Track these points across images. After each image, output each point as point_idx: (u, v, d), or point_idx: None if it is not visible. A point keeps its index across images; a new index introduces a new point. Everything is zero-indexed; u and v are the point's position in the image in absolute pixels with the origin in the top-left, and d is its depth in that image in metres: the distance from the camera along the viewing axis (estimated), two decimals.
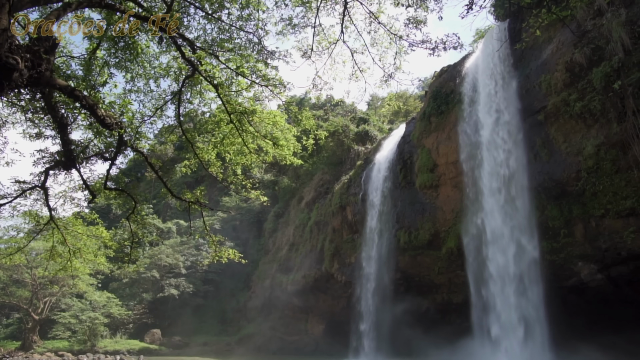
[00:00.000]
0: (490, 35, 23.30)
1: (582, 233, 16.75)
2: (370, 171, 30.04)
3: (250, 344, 40.04)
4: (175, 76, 11.57)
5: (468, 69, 23.80)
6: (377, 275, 26.42)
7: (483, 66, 22.39)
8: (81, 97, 8.47)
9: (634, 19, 15.05)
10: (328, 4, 10.32)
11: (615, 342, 16.05)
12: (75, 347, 40.94)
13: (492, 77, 21.43)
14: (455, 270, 22.51)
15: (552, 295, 17.48)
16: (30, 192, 12.78)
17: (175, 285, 46.42)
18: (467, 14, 8.30)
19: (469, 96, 22.78)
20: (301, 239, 36.91)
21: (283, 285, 36.33)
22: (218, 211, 46.84)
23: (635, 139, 14.48)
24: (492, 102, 21.02)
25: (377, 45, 10.76)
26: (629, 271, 16.00)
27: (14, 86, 6.15)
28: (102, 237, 16.60)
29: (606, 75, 15.29)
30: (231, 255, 13.31)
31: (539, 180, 18.18)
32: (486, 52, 22.58)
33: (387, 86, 11.29)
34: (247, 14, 10.64)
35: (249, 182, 13.69)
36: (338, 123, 40.85)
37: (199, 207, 12.83)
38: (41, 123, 10.90)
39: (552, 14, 10.54)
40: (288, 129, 12.35)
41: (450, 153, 23.08)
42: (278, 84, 10.83)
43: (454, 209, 22.49)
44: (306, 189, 41.20)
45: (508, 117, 20.07)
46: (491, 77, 21.51)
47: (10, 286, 42.47)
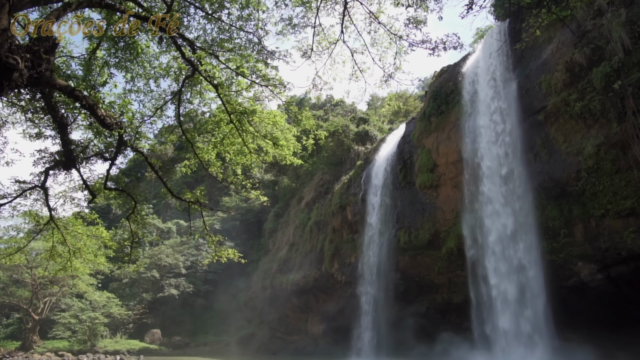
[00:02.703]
0: (490, 35, 23.29)
1: (582, 233, 16.75)
2: (370, 171, 30.03)
3: (250, 344, 40.05)
4: (175, 76, 11.57)
5: (468, 69, 23.80)
6: (377, 275, 26.42)
7: (483, 66, 22.39)
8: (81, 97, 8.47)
9: (634, 19, 15.04)
10: (328, 4, 10.31)
11: (616, 342, 16.04)
12: (75, 347, 40.94)
13: (492, 77, 21.43)
14: (455, 270, 22.50)
15: (552, 295, 17.48)
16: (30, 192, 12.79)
17: (175, 285, 46.43)
18: (467, 14, 8.29)
19: (469, 96, 22.78)
20: (301, 239, 36.89)
21: (283, 285, 36.32)
22: (218, 211, 46.86)
23: (635, 139, 14.48)
24: (492, 102, 21.02)
25: (377, 45, 10.76)
26: (629, 271, 16.00)
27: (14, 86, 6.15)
28: (102, 237, 16.61)
29: (606, 75, 15.29)
30: (231, 255, 13.32)
31: (539, 180, 18.18)
32: (486, 52, 22.58)
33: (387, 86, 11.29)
34: (247, 14, 10.64)
35: (249, 182, 13.69)
36: (338, 123, 40.84)
37: (199, 207, 12.84)
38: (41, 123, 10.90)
39: (552, 14, 10.54)
40: (288, 129, 12.36)
41: (450, 153, 23.08)
42: (278, 84, 10.83)
43: (454, 209, 22.49)
44: (306, 189, 41.19)
45: (508, 117, 20.07)
46: (491, 77, 21.51)
47: (10, 286, 42.47)
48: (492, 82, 21.32)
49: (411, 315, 25.04)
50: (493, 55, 21.62)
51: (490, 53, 22.05)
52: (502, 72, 20.99)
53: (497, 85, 21.04)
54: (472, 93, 22.66)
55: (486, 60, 22.24)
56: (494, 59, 21.55)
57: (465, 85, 23.24)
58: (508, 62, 20.92)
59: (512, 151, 19.65)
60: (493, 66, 21.58)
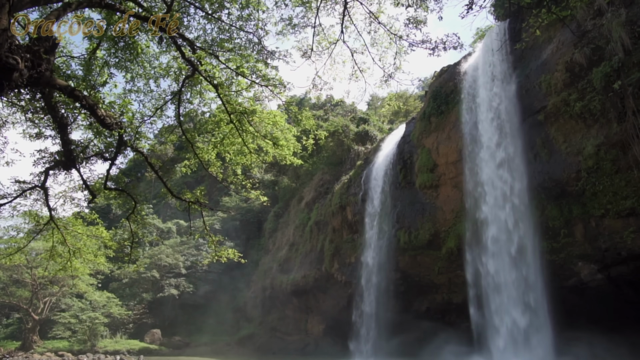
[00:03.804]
0: (490, 35, 23.29)
1: (582, 233, 16.75)
2: (370, 171, 30.03)
3: (250, 344, 40.05)
4: (175, 76, 11.58)
5: (468, 68, 23.80)
6: (377, 275, 26.41)
7: (483, 66, 22.38)
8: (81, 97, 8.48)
9: (634, 19, 15.04)
10: (328, 4, 10.32)
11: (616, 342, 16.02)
12: (75, 347, 40.94)
13: (492, 77, 21.43)
14: (455, 270, 22.50)
15: (552, 295, 17.47)
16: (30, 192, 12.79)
17: (175, 285, 46.42)
18: (467, 14, 8.29)
19: (469, 96, 22.78)
20: (301, 239, 36.89)
21: (283, 285, 36.31)
22: (218, 211, 46.84)
23: (635, 139, 14.48)
24: (492, 102, 21.02)
25: (377, 45, 10.76)
26: (629, 271, 15.99)
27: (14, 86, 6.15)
28: (102, 237, 16.60)
29: (606, 75, 15.29)
30: (231, 255, 13.32)
31: (539, 180, 18.18)
32: (486, 52, 22.57)
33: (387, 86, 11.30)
34: (247, 14, 10.64)
35: (249, 182, 13.69)
36: (338, 123, 40.83)
37: (199, 207, 12.85)
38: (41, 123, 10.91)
39: (552, 14, 10.54)
40: (288, 129, 12.36)
41: (450, 153, 23.08)
42: (278, 84, 10.84)
43: (454, 209, 22.49)
44: (306, 189, 41.18)
45: (508, 117, 20.06)
46: (491, 77, 21.51)
47: (10, 286, 42.45)
48: (492, 82, 21.32)
49: (411, 315, 25.03)
50: (493, 55, 21.62)
51: (490, 53, 22.05)
52: (502, 72, 20.99)
53: (497, 85, 21.04)
54: (472, 93, 22.65)
55: (486, 60, 22.24)
56: (494, 58, 21.55)
57: (465, 86, 23.24)
58: (508, 62, 20.92)
59: (512, 151, 19.65)
60: (493, 66, 21.58)
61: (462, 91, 23.23)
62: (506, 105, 20.23)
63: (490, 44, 22.48)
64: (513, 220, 19.07)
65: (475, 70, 23.01)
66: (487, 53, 22.45)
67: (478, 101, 22.02)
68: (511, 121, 19.86)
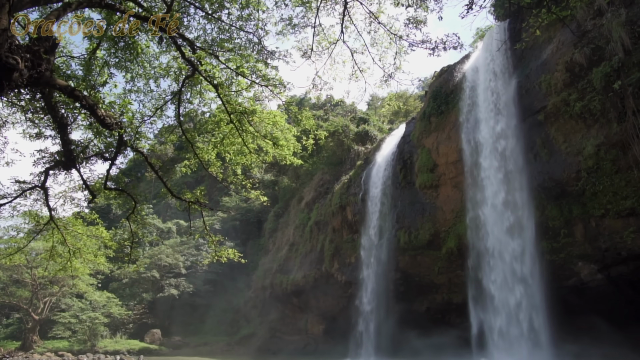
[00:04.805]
0: (490, 35, 23.29)
1: (582, 233, 16.75)
2: (370, 171, 30.03)
3: (250, 344, 40.03)
4: (175, 76, 11.57)
5: (468, 68, 23.80)
6: (377, 275, 26.41)
7: (483, 66, 22.39)
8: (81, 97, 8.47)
9: (634, 19, 15.04)
10: (328, 4, 10.31)
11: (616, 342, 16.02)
12: (75, 347, 40.95)
13: (492, 77, 21.43)
14: (455, 270, 22.50)
15: (552, 295, 17.47)
16: (30, 192, 12.78)
17: (175, 285, 46.43)
18: (467, 14, 8.29)
19: (469, 96, 22.78)
20: (301, 239, 36.89)
21: (283, 285, 36.31)
22: (218, 211, 46.88)
23: (635, 139, 14.48)
24: (492, 102, 21.02)
25: (377, 45, 10.75)
26: (629, 271, 15.99)
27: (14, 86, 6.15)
28: (102, 237, 16.59)
29: (606, 75, 15.29)
30: (231, 255, 13.31)
31: (539, 180, 18.18)
32: (486, 52, 22.58)
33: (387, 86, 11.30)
34: (247, 14, 10.63)
35: (249, 182, 13.69)
36: (338, 123, 40.83)
37: (199, 207, 12.83)
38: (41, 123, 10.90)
39: (552, 14, 10.53)
40: (288, 129, 12.35)
41: (450, 153, 23.08)
42: (278, 84, 10.83)
43: (454, 209, 22.49)
44: (306, 189, 41.18)
45: (508, 117, 20.06)
46: (491, 77, 21.51)
47: (10, 286, 42.46)
48: (492, 82, 21.32)
49: (411, 315, 25.02)
50: (493, 55, 21.62)
51: (490, 53, 22.05)
52: (502, 72, 20.99)
53: (497, 85, 21.04)
54: (472, 93, 22.66)
55: (486, 60, 22.24)
56: (494, 58, 21.55)
57: (465, 85, 23.24)
58: (508, 62, 20.92)
59: (512, 151, 19.64)
60: (493, 66, 21.58)
61: (462, 91, 23.23)
62: (506, 105, 20.23)
63: (490, 44, 22.48)
64: (513, 220, 19.07)
65: (475, 71, 23.02)
66: (487, 53, 22.45)
67: (478, 101, 22.02)
68: (511, 121, 19.86)
